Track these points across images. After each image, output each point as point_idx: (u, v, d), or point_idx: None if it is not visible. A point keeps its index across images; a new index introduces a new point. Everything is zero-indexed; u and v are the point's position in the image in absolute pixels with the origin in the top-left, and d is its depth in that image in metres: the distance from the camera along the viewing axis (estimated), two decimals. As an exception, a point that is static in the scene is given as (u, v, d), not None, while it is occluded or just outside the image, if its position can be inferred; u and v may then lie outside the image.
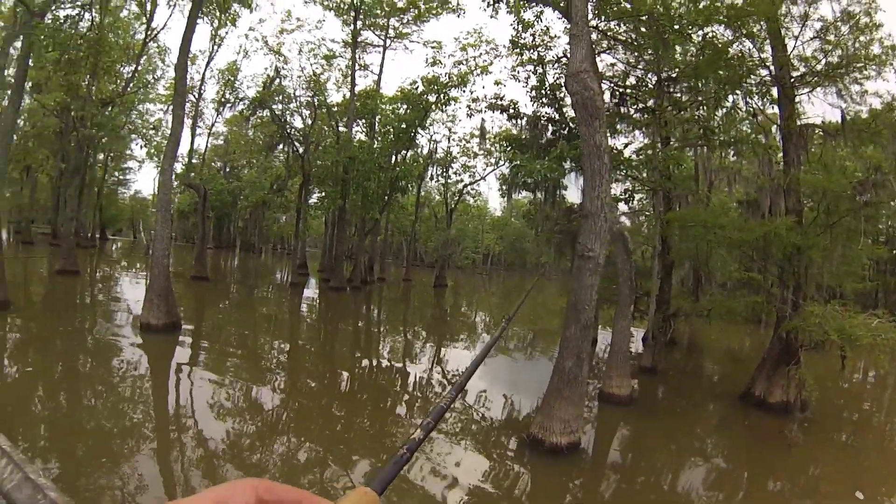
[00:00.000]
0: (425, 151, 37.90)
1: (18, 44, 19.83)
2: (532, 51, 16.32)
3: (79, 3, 18.63)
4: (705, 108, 14.37)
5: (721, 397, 12.88)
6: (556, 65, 16.32)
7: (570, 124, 16.14)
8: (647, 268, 17.07)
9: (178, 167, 28.17)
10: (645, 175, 15.24)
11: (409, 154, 32.73)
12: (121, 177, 58.47)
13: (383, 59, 32.42)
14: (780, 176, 12.63)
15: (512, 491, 6.71)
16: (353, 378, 11.83)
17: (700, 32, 13.22)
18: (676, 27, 12.43)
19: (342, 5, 29.11)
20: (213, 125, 38.38)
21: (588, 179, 7.88)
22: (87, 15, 19.79)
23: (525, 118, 17.48)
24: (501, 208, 71.50)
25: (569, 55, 8.43)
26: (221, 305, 21.27)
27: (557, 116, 16.88)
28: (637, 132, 16.66)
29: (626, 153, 16.19)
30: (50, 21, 17.18)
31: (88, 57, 19.66)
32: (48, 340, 12.16)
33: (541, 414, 7.99)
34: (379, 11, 30.01)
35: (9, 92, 23.35)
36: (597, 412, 10.33)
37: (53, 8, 17.42)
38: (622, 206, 17.16)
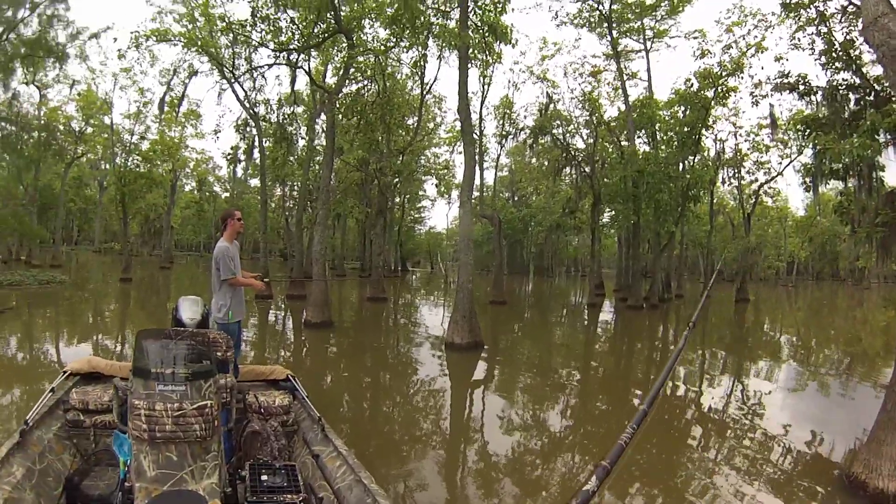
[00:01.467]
0: (713, 154, 35.70)
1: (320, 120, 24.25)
2: (808, 8, 14.02)
3: (364, 77, 21.77)
4: None
5: None
6: (842, 18, 13.83)
7: (876, 87, 13.41)
8: None
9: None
10: None
11: (696, 159, 31.17)
12: (416, 215, 66.02)
13: (648, 62, 31.43)
14: None
15: None
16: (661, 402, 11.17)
17: None
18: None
19: (591, 19, 28.91)
20: (497, 158, 40.79)
21: None
22: (372, 85, 23.03)
23: (819, 92, 15.07)
24: (804, 206, 62.81)
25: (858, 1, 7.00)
26: (518, 327, 21.85)
27: (858, 81, 14.19)
28: None
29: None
30: (343, 95, 20.46)
31: (381, 117, 22.70)
32: (362, 353, 13.96)
33: (866, 449, 6.37)
34: (630, 15, 29.07)
35: (318, 158, 28.81)
36: None
37: (345, 86, 20.64)
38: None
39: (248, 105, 27.57)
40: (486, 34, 15.94)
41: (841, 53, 14.31)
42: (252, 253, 60.24)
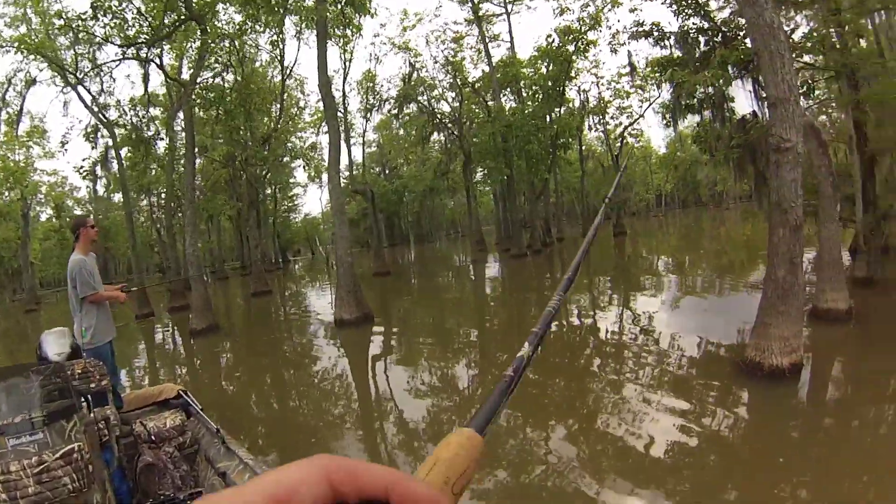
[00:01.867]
0: (577, 103, 37.36)
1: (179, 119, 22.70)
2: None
3: (218, 64, 20.76)
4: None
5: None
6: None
7: (724, 29, 14.55)
8: (841, 167, 14.63)
9: (342, 181, 30.31)
10: (822, 59, 13.09)
11: (562, 110, 32.39)
12: (289, 204, 63.87)
13: (510, 24, 32.70)
14: None
15: (724, 429, 5.85)
16: (548, 342, 11.41)
17: None
18: None
19: (452, -14, 29.30)
20: (364, 132, 40.32)
21: (767, 65, 6.86)
22: (228, 76, 22.32)
23: (672, 37, 16.19)
24: (665, 144, 68.05)
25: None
26: (407, 295, 21.90)
27: (707, 25, 15.35)
28: (798, 17, 14.43)
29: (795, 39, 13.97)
30: (199, 86, 19.45)
31: (240, 104, 21.61)
32: (255, 351, 13.50)
33: (755, 335, 7.09)
34: (490, -20, 29.73)
35: (183, 161, 26.87)
36: (810, 332, 8.65)
37: (199, 79, 19.56)
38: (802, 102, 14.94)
39: (96, 110, 25.21)
40: (345, 6, 15.49)
41: (691, 1, 15.29)
42: (126, 274, 55.86)
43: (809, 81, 15.29)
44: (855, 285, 10.97)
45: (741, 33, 14.09)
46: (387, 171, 58.40)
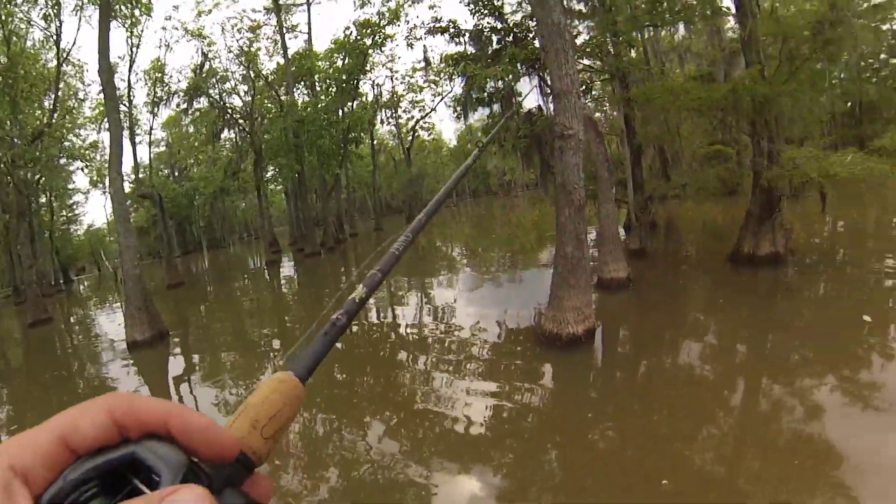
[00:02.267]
0: (371, 97, 38.04)
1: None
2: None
3: None
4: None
5: (713, 265, 12.28)
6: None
7: (515, 30, 15.77)
8: (614, 156, 16.88)
9: (127, 186, 27.30)
10: (599, 63, 14.94)
11: (355, 104, 32.66)
12: (69, 214, 55.84)
13: (309, 16, 32.05)
14: (733, 42, 12.14)
15: (535, 397, 6.51)
16: (350, 339, 11.38)
17: None
18: None
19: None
20: (150, 129, 36.91)
21: (552, 60, 7.63)
22: None
23: (467, 34, 17.08)
24: (456, 137, 71.21)
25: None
26: (204, 305, 20.77)
27: (500, 25, 16.50)
28: (580, 26, 16.13)
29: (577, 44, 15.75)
30: None
31: (3, 91, 18.50)
32: (41, 396, 11.47)
33: (551, 308, 7.88)
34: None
35: None
36: (598, 300, 9.87)
37: None
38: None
39: None
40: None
41: (487, 2, 16.49)
42: None
43: (588, 82, 17.18)
44: (630, 256, 12.67)
45: (531, 35, 15.65)
46: (176, 173, 53.94)
